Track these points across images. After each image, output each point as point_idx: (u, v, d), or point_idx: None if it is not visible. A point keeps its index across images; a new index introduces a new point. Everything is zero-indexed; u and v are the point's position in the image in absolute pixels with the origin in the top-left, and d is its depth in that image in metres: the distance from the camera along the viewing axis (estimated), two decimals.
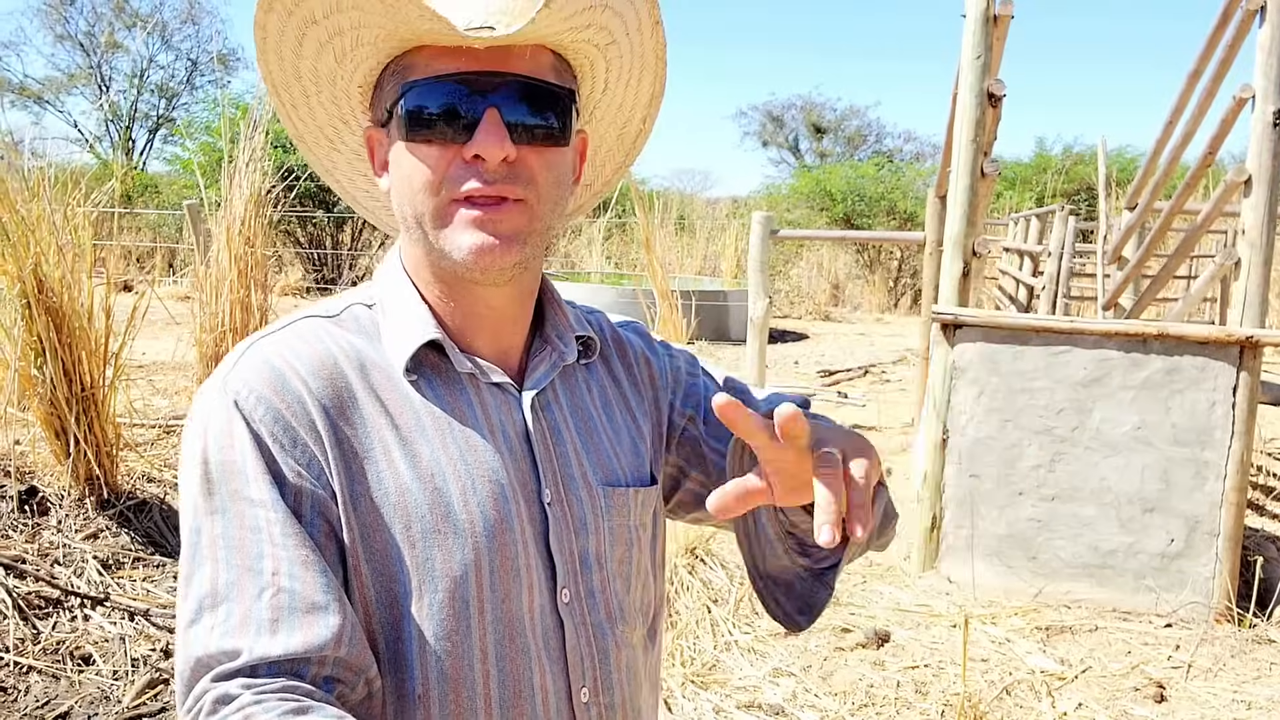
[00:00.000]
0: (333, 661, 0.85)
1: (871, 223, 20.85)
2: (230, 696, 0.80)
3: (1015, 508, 4.45)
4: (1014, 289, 11.52)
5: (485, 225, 0.92)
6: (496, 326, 1.03)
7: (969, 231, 4.53)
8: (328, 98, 1.03)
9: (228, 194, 5.93)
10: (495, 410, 1.01)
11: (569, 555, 1.02)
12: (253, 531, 0.87)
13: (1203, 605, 4.23)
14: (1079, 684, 3.69)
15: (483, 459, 0.97)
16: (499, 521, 0.96)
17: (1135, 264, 5.65)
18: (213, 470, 0.89)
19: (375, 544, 0.92)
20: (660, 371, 1.21)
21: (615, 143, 1.15)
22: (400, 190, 0.97)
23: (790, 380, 10.13)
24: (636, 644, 1.10)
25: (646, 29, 1.00)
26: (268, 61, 0.99)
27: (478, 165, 0.92)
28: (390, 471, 0.93)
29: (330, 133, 1.08)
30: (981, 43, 4.44)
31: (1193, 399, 4.21)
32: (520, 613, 0.97)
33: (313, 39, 0.96)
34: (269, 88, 1.02)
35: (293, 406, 0.91)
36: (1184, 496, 4.25)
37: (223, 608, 0.84)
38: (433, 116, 0.92)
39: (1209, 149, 4.66)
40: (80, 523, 4.11)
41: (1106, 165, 8.04)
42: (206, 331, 5.99)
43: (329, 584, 0.87)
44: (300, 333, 0.98)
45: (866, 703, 3.47)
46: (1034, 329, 4.38)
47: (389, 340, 0.99)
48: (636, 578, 1.10)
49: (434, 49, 0.93)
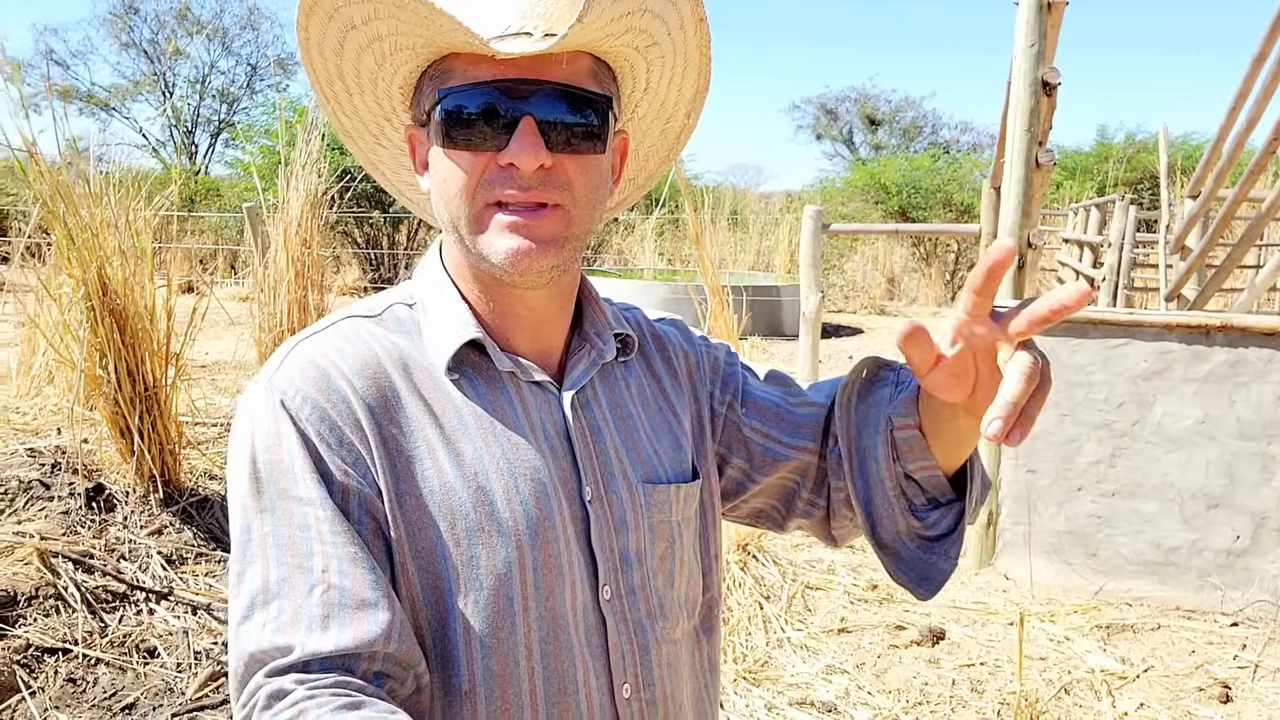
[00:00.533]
0: (383, 657, 0.86)
1: (927, 215, 20.59)
2: (284, 691, 0.81)
3: (1074, 504, 4.37)
4: (1074, 281, 11.30)
5: (521, 230, 0.93)
6: (536, 326, 1.03)
7: (1024, 223, 4.46)
8: (370, 97, 1.05)
9: (285, 196, 6.04)
10: (536, 409, 1.01)
11: (610, 552, 1.02)
12: (302, 529, 0.88)
13: (1270, 604, 4.12)
14: (1140, 684, 3.62)
15: (525, 457, 0.98)
16: (541, 520, 0.97)
17: (1199, 253, 5.51)
18: (261, 469, 0.91)
19: (421, 542, 0.94)
20: (699, 362, 1.21)
21: (659, 138, 1.15)
22: (438, 193, 0.98)
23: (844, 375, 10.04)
24: (680, 639, 1.10)
25: (690, 27, 0.99)
26: (311, 61, 1.01)
27: (513, 172, 0.92)
28: (435, 470, 0.94)
29: (374, 129, 1.10)
30: (1035, 30, 4.36)
31: (1258, 392, 4.10)
32: (563, 609, 0.98)
33: (353, 42, 0.97)
34: (314, 86, 1.04)
35: (338, 406, 0.93)
36: (1250, 492, 4.14)
37: (274, 604, 0.86)
38: (469, 122, 0.92)
39: (1275, 134, 4.53)
40: (145, 519, 4.21)
41: (1170, 153, 7.86)
42: (265, 331, 6.11)
43: (378, 580, 0.88)
44: (343, 332, 0.99)
45: (921, 700, 3.43)
46: (1092, 321, 4.29)
47: (430, 339, 1.00)
48: (680, 573, 1.11)
49: (470, 55, 0.93)
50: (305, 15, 0.95)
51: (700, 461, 1.17)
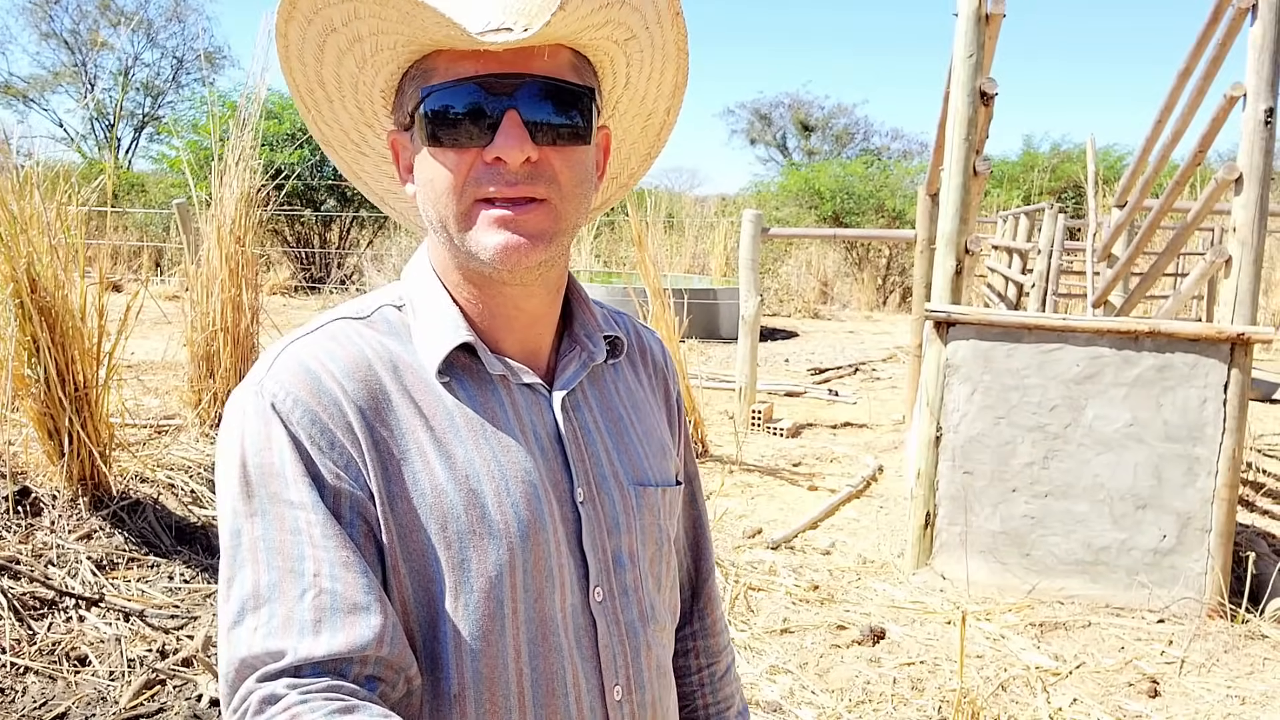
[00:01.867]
0: (375, 661, 0.86)
1: (860, 220, 20.89)
2: (276, 696, 0.81)
3: (1009, 504, 4.47)
4: (1003, 286, 11.55)
5: (509, 225, 0.93)
6: (526, 327, 1.04)
7: (962, 229, 4.55)
8: (351, 103, 1.04)
9: (218, 193, 5.90)
10: (527, 411, 1.01)
11: (602, 554, 1.03)
12: (293, 534, 0.87)
13: (1195, 601, 4.25)
14: (1073, 679, 3.71)
15: (516, 460, 0.98)
16: (533, 522, 0.97)
17: (1125, 261, 5.67)
18: (251, 473, 0.90)
19: (412, 545, 0.93)
20: (676, 399, 1.24)
21: (640, 135, 1.16)
22: (425, 194, 0.97)
23: (781, 377, 10.14)
24: (665, 643, 1.11)
25: (667, 21, 1.00)
26: (291, 69, 1.00)
27: (499, 167, 0.92)
28: (426, 473, 0.94)
29: (356, 137, 1.09)
30: (974, 41, 4.46)
31: (1184, 396, 4.23)
32: (552, 612, 0.98)
33: (333, 46, 0.96)
34: (294, 94, 1.03)
35: (329, 409, 0.92)
36: (1176, 493, 4.28)
37: (265, 609, 0.85)
38: (454, 120, 0.92)
39: (1200, 147, 4.68)
40: (73, 523, 4.09)
41: (1095, 163, 8.08)
42: (198, 331, 5.96)
43: (370, 584, 0.88)
44: (333, 334, 0.98)
45: (863, 699, 3.48)
46: (1026, 326, 4.40)
47: (420, 341, 1.00)
48: (666, 577, 1.12)
49: (453, 53, 0.93)
50: (284, 21, 0.94)
51: (679, 471, 1.20)
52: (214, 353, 5.99)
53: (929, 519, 4.56)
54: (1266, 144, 4.17)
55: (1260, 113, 4.15)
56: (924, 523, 4.57)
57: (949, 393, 4.49)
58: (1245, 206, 4.21)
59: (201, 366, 6.01)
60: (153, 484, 4.54)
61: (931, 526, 4.56)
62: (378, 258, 16.47)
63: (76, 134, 29.62)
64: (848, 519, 5.57)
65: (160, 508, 4.38)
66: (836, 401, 8.92)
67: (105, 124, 30.18)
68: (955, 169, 4.51)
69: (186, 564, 4.12)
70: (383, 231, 17.66)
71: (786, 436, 7.43)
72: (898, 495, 5.97)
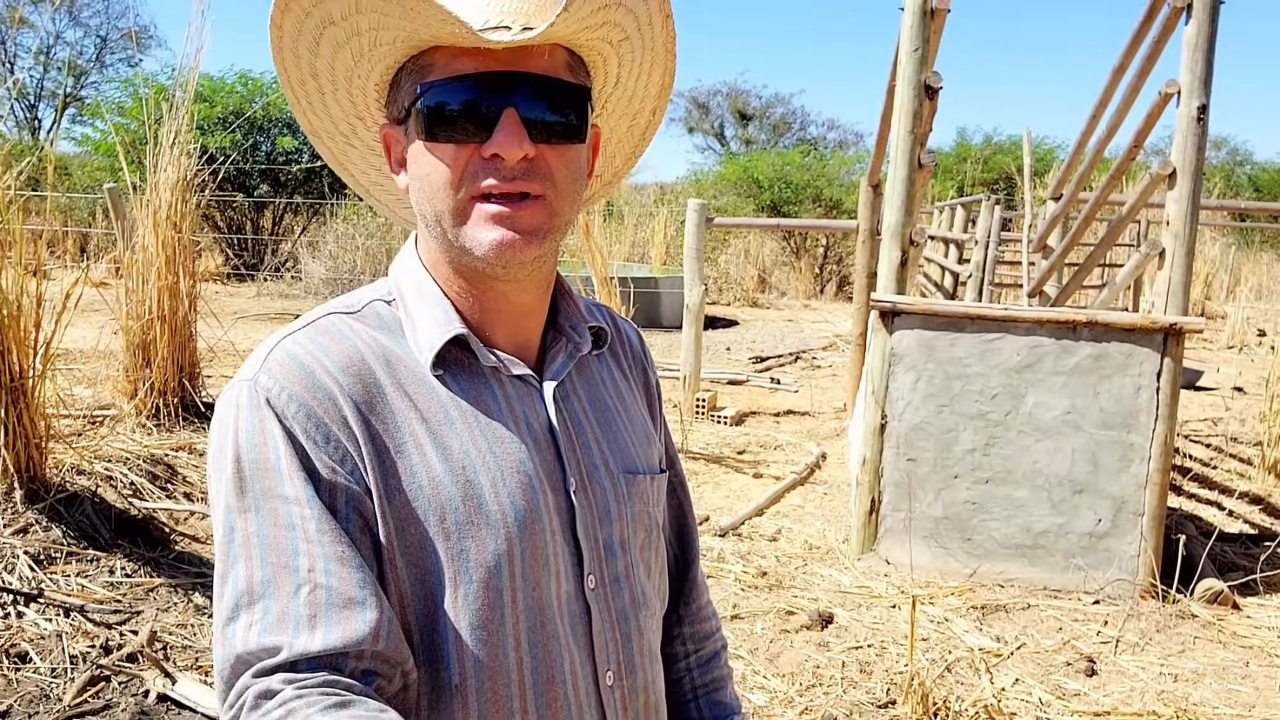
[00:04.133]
0: (370, 655, 0.86)
1: (798, 209, 21.07)
2: (273, 692, 0.81)
3: (951, 491, 4.56)
4: (939, 276, 11.76)
5: (505, 221, 0.94)
6: (517, 321, 1.05)
7: (906, 221, 4.62)
8: (344, 95, 1.04)
9: (153, 178, 5.76)
10: (519, 402, 1.02)
11: (594, 542, 1.04)
12: (287, 529, 0.88)
13: (1129, 583, 4.39)
14: (1014, 660, 3.82)
15: (510, 451, 0.99)
16: (529, 512, 0.98)
17: (1061, 253, 5.81)
18: (245, 468, 0.90)
19: (410, 537, 0.94)
20: (655, 387, 1.26)
21: (625, 134, 1.17)
22: (419, 188, 0.98)
23: (724, 366, 10.21)
24: (655, 628, 1.14)
25: (657, 23, 1.02)
26: (284, 59, 0.99)
27: (496, 163, 0.93)
28: (423, 465, 0.95)
29: (345, 129, 1.09)
30: (919, 35, 4.53)
31: (1120, 384, 4.36)
32: (549, 600, 1.00)
33: (330, 39, 0.97)
34: (284, 86, 1.03)
35: (324, 403, 0.92)
36: (1111, 478, 4.41)
37: (259, 605, 0.85)
38: (452, 116, 0.93)
39: (1134, 142, 4.81)
40: (9, 517, 3.98)
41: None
42: (133, 319, 5.82)
43: (365, 579, 0.88)
44: (325, 329, 0.98)
45: (813, 683, 3.54)
46: (969, 316, 4.49)
47: (413, 336, 1.00)
48: (655, 563, 1.15)
49: (452, 49, 0.94)
50: (280, 12, 0.94)
51: (662, 459, 1.21)
52: (150, 341, 5.87)
53: (874, 505, 4.64)
54: (1199, 140, 4.30)
55: (1193, 109, 4.28)
56: (869, 509, 4.65)
57: (893, 381, 4.57)
58: (1178, 200, 4.34)
59: (138, 356, 5.88)
60: (90, 476, 4.43)
61: (876, 512, 4.64)
62: (312, 244, 16.18)
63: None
64: (793, 506, 5.64)
65: (99, 500, 4.28)
66: (779, 389, 9.02)
67: (26, 104, 29.21)
68: (900, 161, 4.58)
69: (127, 557, 4.03)
70: (318, 218, 17.36)
71: (730, 424, 7.49)
72: (841, 482, 6.06)
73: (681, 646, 1.30)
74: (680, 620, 1.30)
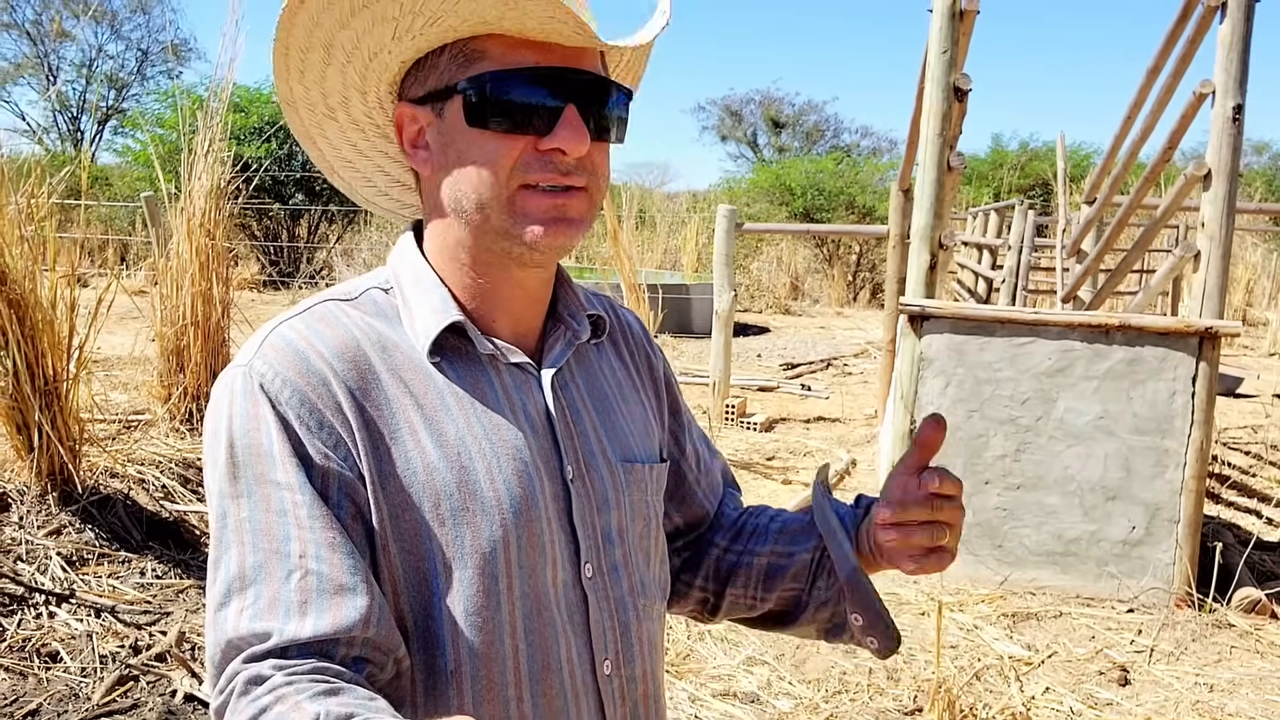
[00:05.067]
0: (361, 642, 0.86)
1: (831, 217, 20.97)
2: (263, 677, 0.81)
3: (982, 497, 4.51)
4: (973, 282, 11.65)
5: (556, 210, 0.96)
6: (524, 308, 1.05)
7: (935, 224, 4.58)
8: (357, 68, 1.01)
9: (187, 186, 5.84)
10: (516, 390, 1.02)
11: (592, 530, 1.04)
12: (279, 515, 0.88)
13: (1164, 591, 4.32)
14: (1045, 669, 3.76)
15: (506, 437, 0.99)
16: (524, 498, 0.98)
17: (1095, 256, 5.74)
18: (238, 454, 0.90)
19: (404, 524, 0.94)
20: (661, 374, 1.25)
21: None
22: (461, 175, 0.97)
23: (754, 373, 10.18)
24: (655, 618, 1.13)
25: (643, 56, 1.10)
26: (292, 27, 0.96)
27: (553, 156, 0.95)
28: (418, 451, 0.95)
29: (336, 101, 1.05)
30: (948, 37, 4.49)
31: (1154, 389, 4.29)
32: (545, 587, 0.99)
33: (372, 13, 0.94)
34: (280, 50, 0.98)
35: (318, 389, 0.92)
36: (1145, 484, 4.34)
37: (251, 590, 0.86)
38: (511, 106, 0.94)
39: (1169, 144, 4.75)
40: (42, 519, 4.04)
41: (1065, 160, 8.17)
42: (168, 325, 5.89)
43: (356, 565, 0.88)
44: (321, 315, 0.98)
45: (840, 689, 3.51)
46: (999, 320, 4.44)
47: (409, 323, 1.00)
48: (655, 552, 1.14)
49: (510, 39, 0.94)
50: None
51: (664, 448, 1.21)
52: (184, 347, 5.93)
53: None
54: (1234, 141, 4.24)
55: (1229, 110, 4.22)
56: None
57: (923, 386, 4.53)
58: (1213, 202, 4.27)
59: (171, 361, 5.95)
60: (123, 479, 4.49)
61: None
62: (347, 252, 16.34)
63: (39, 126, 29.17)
64: None
65: (130, 503, 4.33)
66: (809, 396, 8.97)
67: (69, 116, 29.74)
68: (929, 164, 4.55)
69: (158, 559, 4.08)
70: (352, 226, 17.52)
71: (760, 431, 7.46)
72: (870, 489, 6.01)
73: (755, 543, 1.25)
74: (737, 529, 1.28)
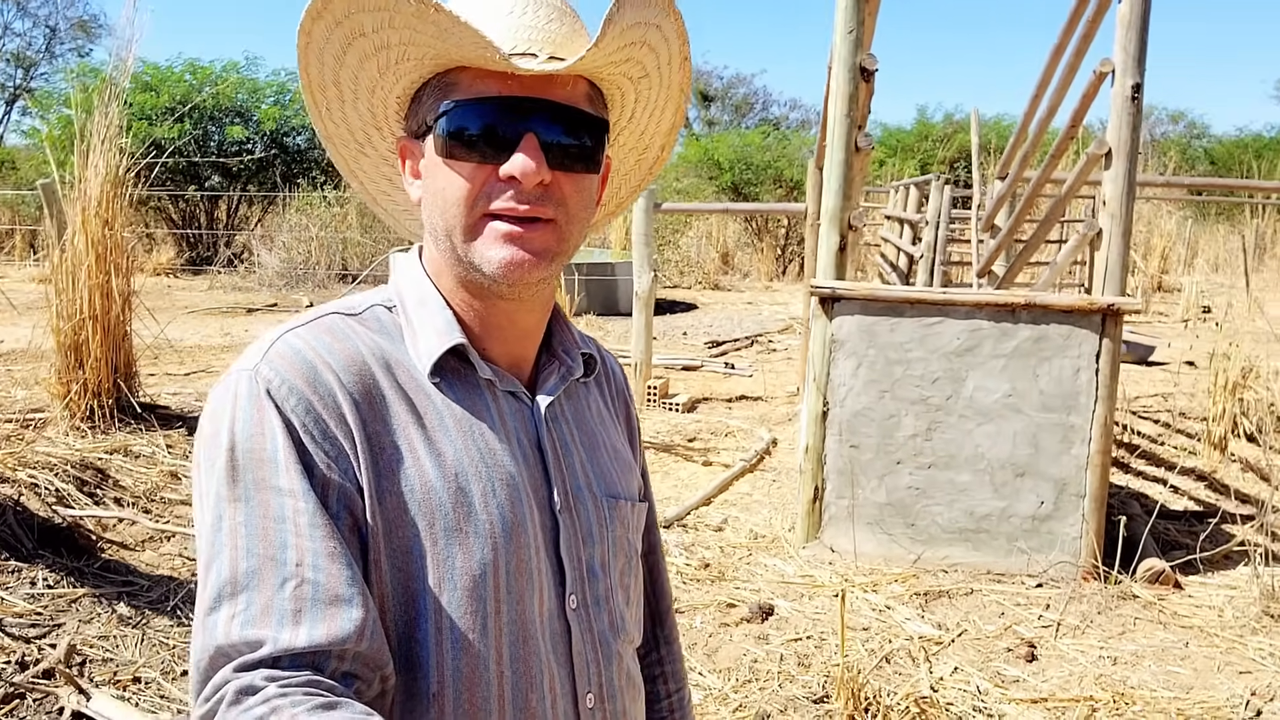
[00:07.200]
0: (353, 656, 0.85)
1: (759, 190, 21.03)
2: (255, 688, 0.80)
3: (894, 476, 4.53)
4: (895, 256, 11.76)
5: (516, 240, 0.96)
6: (515, 340, 1.07)
7: (845, 205, 4.57)
8: (364, 105, 1.06)
9: (81, 173, 5.61)
10: (511, 417, 1.04)
11: (577, 562, 1.06)
12: (277, 521, 0.87)
13: (1071, 565, 4.39)
14: (955, 647, 3.80)
15: (501, 462, 1.00)
16: (515, 524, 0.99)
17: (1006, 232, 5.79)
18: (240, 458, 0.89)
19: (397, 540, 0.94)
20: (635, 425, 1.29)
21: (634, 166, 1.21)
22: (433, 202, 1.00)
23: (679, 351, 10.16)
24: (633, 656, 1.15)
25: (676, 64, 1.06)
26: (308, 65, 1.02)
27: (513, 185, 0.95)
28: (416, 469, 0.95)
29: (361, 137, 1.11)
30: (853, 17, 4.46)
31: (1059, 366, 4.34)
32: (532, 615, 1.00)
33: (358, 50, 0.99)
34: (305, 91, 1.06)
35: (324, 399, 0.93)
36: (1052, 460, 4.39)
37: (243, 596, 0.84)
38: (473, 136, 0.95)
39: (1071, 121, 4.79)
40: None
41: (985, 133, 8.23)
42: (64, 319, 5.67)
43: (353, 577, 0.88)
44: (327, 327, 0.99)
45: (750, 678, 3.50)
46: (909, 300, 4.45)
47: (412, 342, 1.02)
48: (635, 590, 1.17)
49: (477, 70, 0.96)
50: (311, 20, 0.97)
51: (642, 490, 1.25)
52: (83, 342, 5.72)
53: (818, 493, 4.60)
54: (1134, 119, 4.27)
55: (1128, 89, 4.25)
56: (812, 497, 4.61)
57: (835, 368, 4.53)
58: (1114, 180, 4.31)
59: (70, 357, 5.74)
60: (14, 484, 4.31)
61: (820, 500, 4.61)
62: (267, 236, 15.93)
63: None
64: (741, 494, 5.61)
65: (21, 509, 4.16)
66: (733, 374, 8.98)
67: None
68: (837, 145, 4.53)
69: (50, 568, 3.92)
70: (272, 208, 17.10)
71: (682, 411, 7.45)
72: (790, 468, 6.03)
73: (664, 686, 1.33)
74: (660, 660, 1.33)
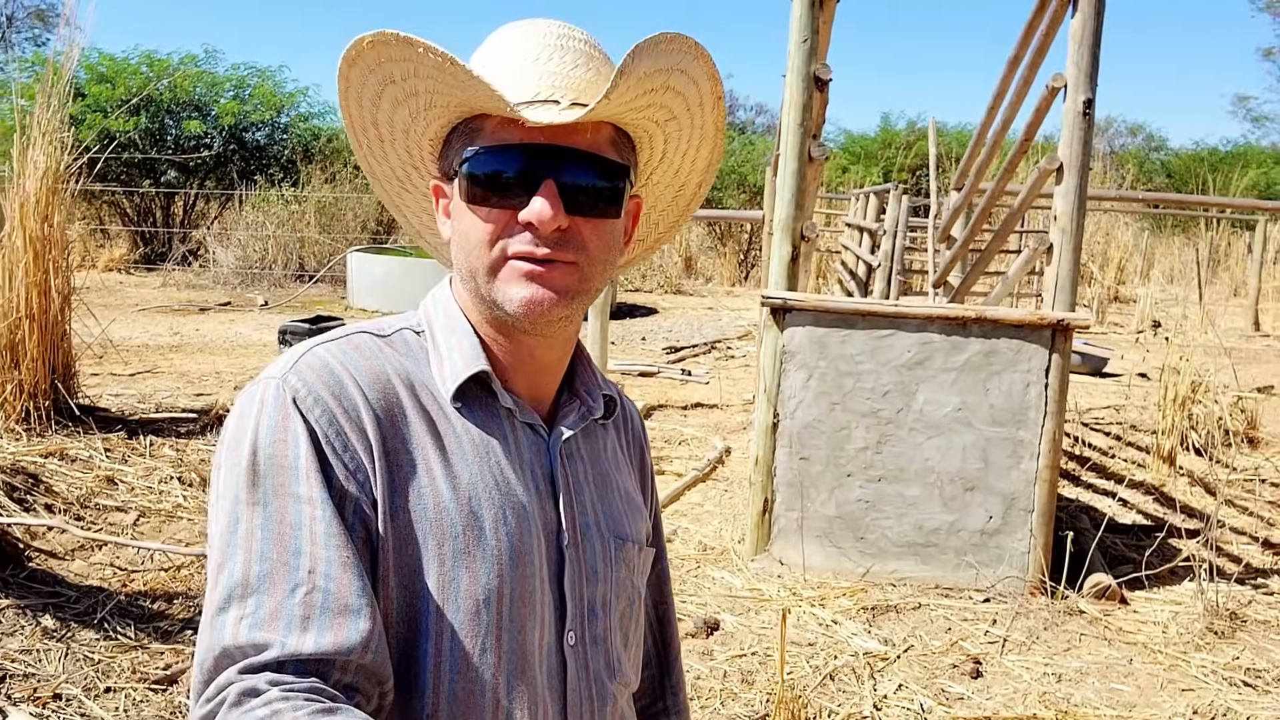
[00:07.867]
0: (356, 668, 0.86)
1: (723, 195, 21.04)
2: (257, 691, 0.80)
3: (844, 489, 4.50)
4: (854, 264, 11.78)
5: (537, 279, 0.99)
6: (536, 375, 1.09)
7: (797, 215, 4.53)
8: (401, 146, 1.11)
9: (19, 168, 5.46)
10: (527, 449, 1.06)
11: (579, 599, 1.07)
12: (294, 527, 0.88)
13: (1019, 579, 4.38)
14: (901, 664, 3.76)
15: (515, 491, 1.02)
16: (522, 553, 1.01)
17: (961, 244, 5.79)
18: (261, 463, 0.91)
19: (406, 558, 0.95)
20: (649, 474, 1.30)
21: (670, 204, 1.23)
22: (459, 243, 1.04)
23: (637, 357, 10.10)
24: (628, 701, 1.16)
25: (708, 104, 1.07)
26: (349, 107, 1.08)
27: (532, 230, 0.98)
28: (431, 488, 0.97)
29: (401, 175, 1.16)
30: (808, 26, 4.43)
31: (1009, 380, 4.33)
32: (531, 646, 1.01)
33: (390, 95, 1.04)
34: (349, 131, 1.11)
35: (349, 411, 0.95)
36: (1001, 475, 4.38)
37: (252, 599, 0.85)
38: (493, 182, 0.99)
39: (1025, 135, 4.79)
40: None
41: (948, 142, 8.25)
42: (1, 319, 5.51)
43: (364, 588, 0.89)
44: (356, 344, 1.02)
45: (692, 696, 3.44)
46: (860, 313, 4.42)
47: (437, 367, 1.04)
48: (634, 635, 1.17)
49: (500, 117, 0.98)
50: (348, 65, 1.02)
51: (650, 536, 1.25)
52: (19, 341, 5.56)
53: (767, 505, 4.56)
54: (1085, 135, 4.27)
55: (1079, 104, 4.25)
56: (762, 509, 4.57)
57: (785, 379, 4.49)
58: (1065, 195, 4.31)
59: (5, 357, 5.57)
60: None
61: (769, 513, 4.57)
62: (225, 232, 15.68)
63: None
64: (692, 504, 5.56)
65: None
66: (690, 381, 8.93)
67: None
68: (790, 155, 4.49)
69: None
70: (229, 205, 16.84)
71: None
72: (743, 478, 5.98)
73: None
74: (666, 710, 1.35)
